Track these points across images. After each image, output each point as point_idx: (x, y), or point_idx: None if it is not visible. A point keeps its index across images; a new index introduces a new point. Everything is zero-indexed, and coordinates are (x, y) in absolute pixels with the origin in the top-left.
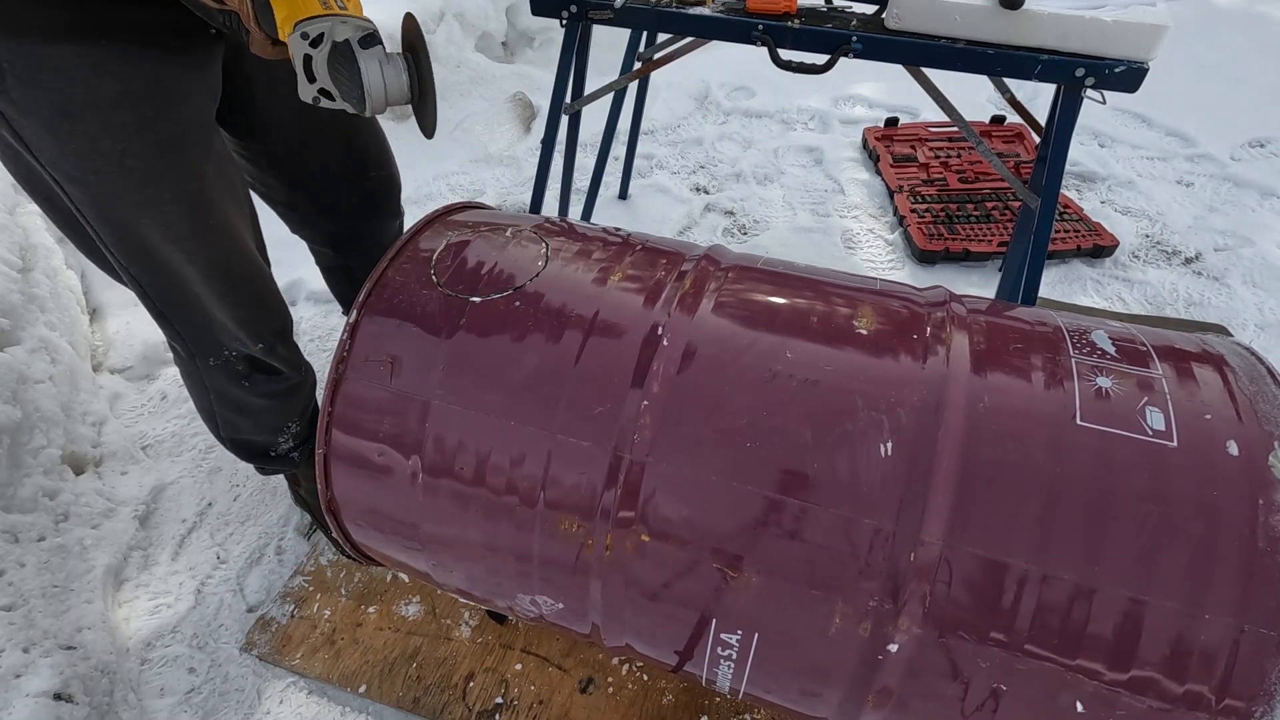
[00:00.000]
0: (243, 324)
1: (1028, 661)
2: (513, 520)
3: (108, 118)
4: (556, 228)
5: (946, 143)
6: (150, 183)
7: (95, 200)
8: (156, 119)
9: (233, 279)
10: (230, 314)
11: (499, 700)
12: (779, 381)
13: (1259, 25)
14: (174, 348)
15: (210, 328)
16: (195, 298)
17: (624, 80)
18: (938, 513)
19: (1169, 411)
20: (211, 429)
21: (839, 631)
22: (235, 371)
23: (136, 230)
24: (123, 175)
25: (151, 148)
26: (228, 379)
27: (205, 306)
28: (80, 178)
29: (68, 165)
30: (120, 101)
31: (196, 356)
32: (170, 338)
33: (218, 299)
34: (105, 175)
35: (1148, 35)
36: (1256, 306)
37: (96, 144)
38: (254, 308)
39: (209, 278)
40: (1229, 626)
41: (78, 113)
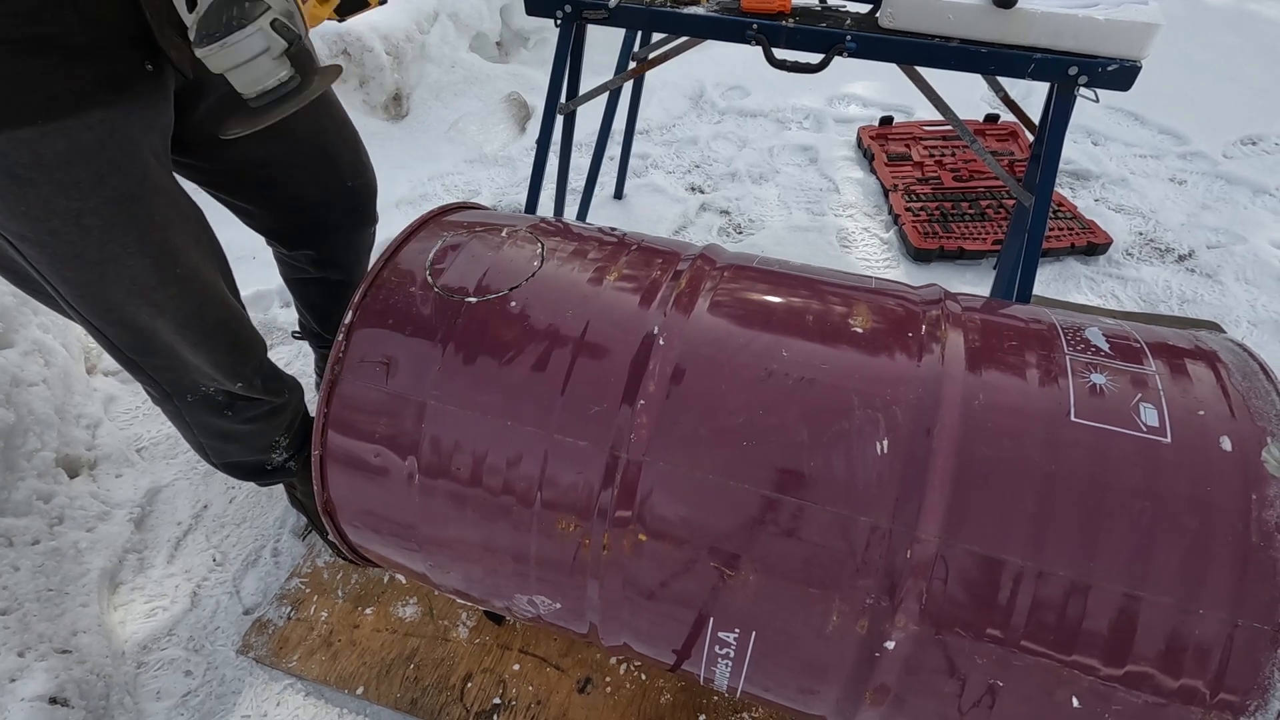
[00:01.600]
0: (220, 367)
1: (1024, 658)
2: (510, 520)
3: (59, 177)
4: (552, 228)
5: (941, 141)
6: (111, 238)
7: (54, 260)
8: (111, 172)
9: (206, 327)
10: (206, 359)
11: (497, 701)
12: (775, 380)
13: (1251, 23)
14: (148, 391)
15: (186, 371)
16: (167, 346)
17: (619, 80)
18: (934, 510)
19: (1163, 408)
20: (202, 457)
21: (836, 629)
22: (215, 404)
23: (100, 289)
24: (81, 234)
25: (109, 203)
26: (208, 412)
27: (179, 353)
28: (35, 239)
29: (19, 227)
30: (70, 159)
31: (174, 396)
32: (144, 383)
33: (192, 347)
34: (62, 235)
35: (1140, 34)
36: (1249, 303)
37: (50, 204)
38: (230, 350)
39: (182, 328)
40: (1223, 621)
41: (26, 175)
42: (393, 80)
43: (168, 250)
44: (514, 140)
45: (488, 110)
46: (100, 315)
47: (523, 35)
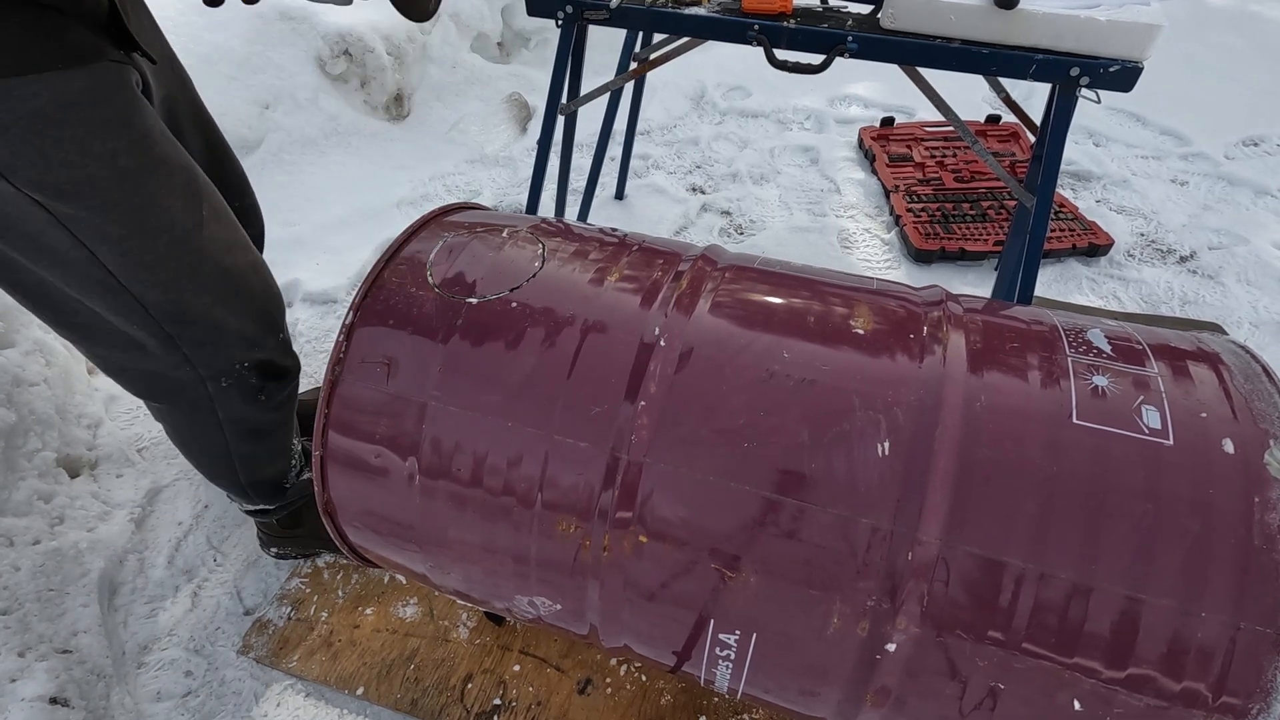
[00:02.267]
0: (259, 319)
1: (1025, 660)
2: (510, 521)
3: (88, 115)
4: (553, 228)
5: (942, 142)
6: (148, 177)
7: (93, 213)
8: (134, 112)
9: (242, 270)
10: (245, 312)
11: (497, 701)
12: (776, 381)
13: (1253, 24)
14: (171, 396)
15: (222, 338)
16: (204, 307)
17: (620, 80)
18: (935, 512)
19: (1165, 410)
20: (227, 481)
21: (837, 631)
22: (249, 387)
23: (141, 241)
24: (119, 177)
25: (139, 142)
26: (243, 399)
27: (215, 315)
28: (74, 189)
29: (57, 177)
30: (96, 98)
31: (207, 381)
32: (172, 371)
33: (230, 300)
34: (99, 181)
35: (1142, 34)
36: (1251, 304)
37: (85, 146)
38: (264, 297)
39: (220, 274)
40: (1225, 624)
41: (57, 115)
42: (394, 81)
43: (199, 188)
44: (515, 141)
45: (489, 111)
46: (139, 274)
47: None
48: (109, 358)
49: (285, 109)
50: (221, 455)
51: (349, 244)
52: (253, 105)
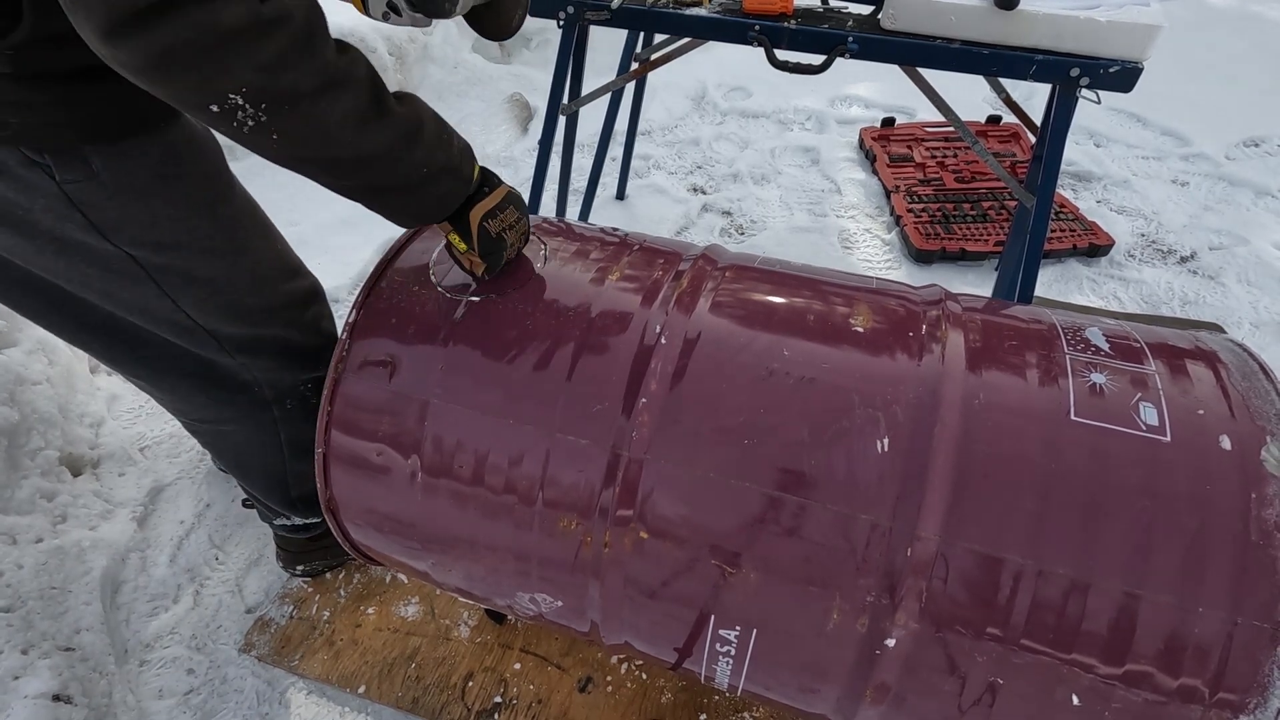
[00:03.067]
0: (326, 338)
1: (1024, 656)
2: (511, 519)
3: (193, 169)
4: (554, 228)
5: (943, 143)
6: (239, 223)
7: (188, 262)
8: (219, 160)
9: (305, 293)
10: (310, 332)
11: (498, 700)
12: (776, 379)
13: (1253, 25)
14: (238, 420)
15: (291, 362)
16: (275, 336)
17: (621, 81)
18: (934, 509)
19: (1162, 407)
20: (276, 495)
21: (836, 627)
22: (311, 407)
23: (229, 283)
24: (215, 225)
25: (228, 189)
26: (304, 416)
27: (286, 340)
28: (173, 241)
29: (160, 233)
30: (196, 152)
31: (274, 404)
32: (239, 394)
33: (300, 320)
34: (199, 231)
35: (1142, 35)
36: (1251, 304)
37: (192, 199)
38: (325, 315)
39: (290, 302)
40: (1223, 620)
41: (170, 172)
42: (396, 81)
43: (267, 225)
44: (516, 141)
45: (490, 111)
46: (220, 315)
47: (525, 36)
48: (177, 387)
49: None
50: (277, 473)
51: (351, 243)
52: None
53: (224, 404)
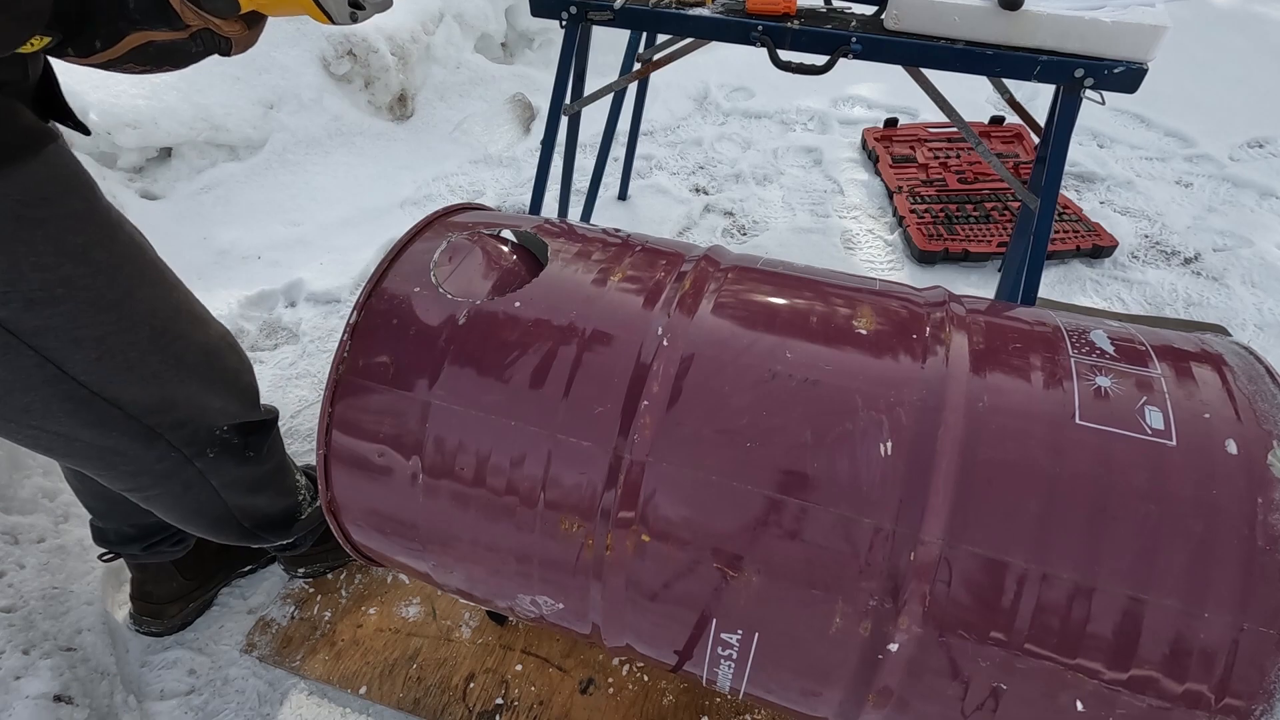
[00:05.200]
0: (243, 390)
1: (1028, 660)
2: (513, 521)
3: (60, 211)
4: (556, 229)
5: (946, 143)
6: (120, 269)
7: (71, 316)
8: (93, 197)
9: (216, 343)
10: (227, 384)
11: (499, 701)
12: (779, 381)
13: (1257, 25)
14: (161, 483)
15: (205, 416)
16: (188, 393)
17: (623, 81)
18: (937, 512)
19: (1168, 411)
20: (230, 533)
21: (839, 631)
22: (234, 447)
23: (121, 338)
24: (94, 272)
25: (105, 230)
26: (234, 461)
27: (198, 394)
28: (48, 294)
29: (29, 286)
30: (63, 188)
31: (194, 459)
32: (156, 463)
33: (213, 373)
34: (76, 282)
35: (1146, 36)
36: (1255, 306)
37: (60, 243)
38: (241, 363)
39: (201, 354)
40: (1228, 625)
41: (33, 214)
42: (398, 81)
43: (161, 270)
44: (519, 141)
45: (492, 111)
46: (117, 378)
47: (527, 36)
48: (86, 464)
49: (290, 109)
50: (223, 516)
51: (352, 244)
52: (257, 105)
53: (140, 474)
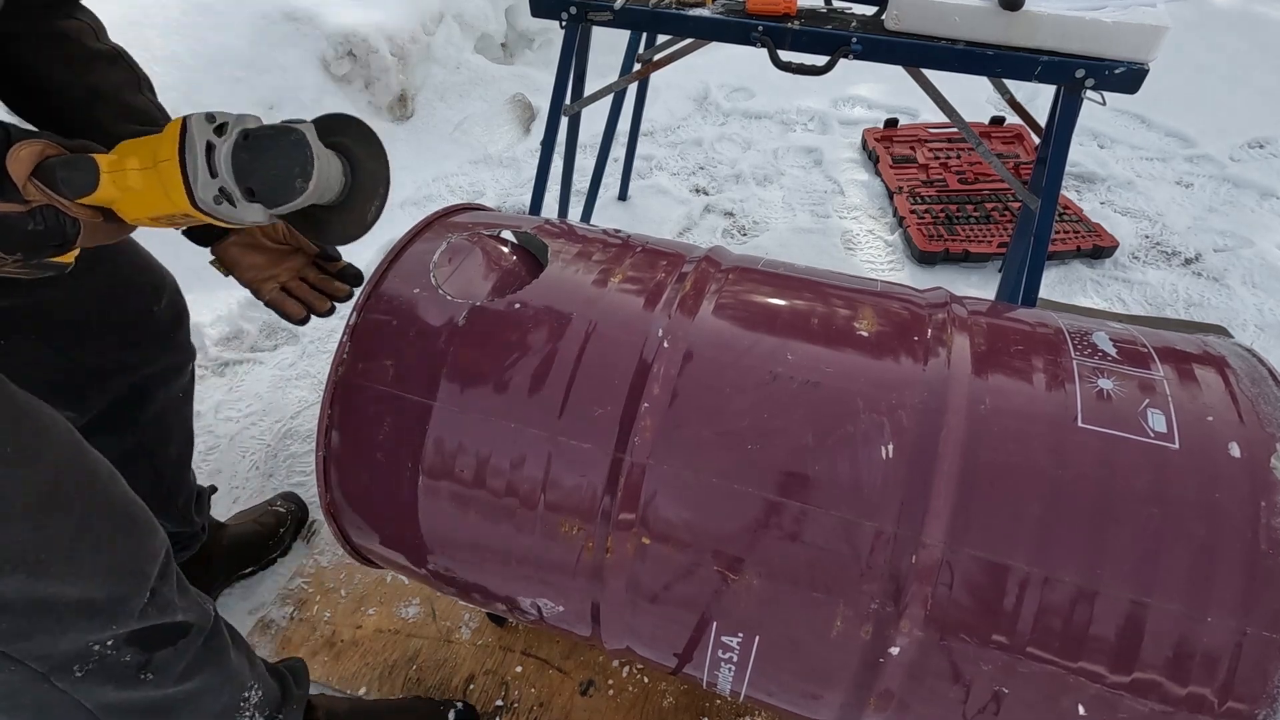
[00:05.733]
0: (119, 576)
1: (1030, 664)
2: (513, 523)
3: None
4: (556, 229)
5: (946, 144)
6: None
7: None
8: None
9: (91, 513)
10: (92, 568)
11: (499, 703)
12: (780, 383)
13: (1258, 26)
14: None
15: (51, 619)
16: (16, 586)
17: (624, 81)
18: (939, 515)
19: (1170, 413)
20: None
21: (840, 634)
22: (122, 668)
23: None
24: None
25: None
26: (117, 684)
27: (35, 592)
28: None
29: None
30: None
31: (49, 675)
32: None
33: (66, 557)
34: None
35: (1147, 36)
36: (1256, 307)
37: None
38: (128, 540)
39: (44, 537)
40: (1231, 629)
41: None
42: (398, 81)
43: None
44: (519, 141)
45: (492, 111)
46: None
47: (527, 37)
48: None
49: (290, 110)
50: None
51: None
52: (257, 106)
53: None
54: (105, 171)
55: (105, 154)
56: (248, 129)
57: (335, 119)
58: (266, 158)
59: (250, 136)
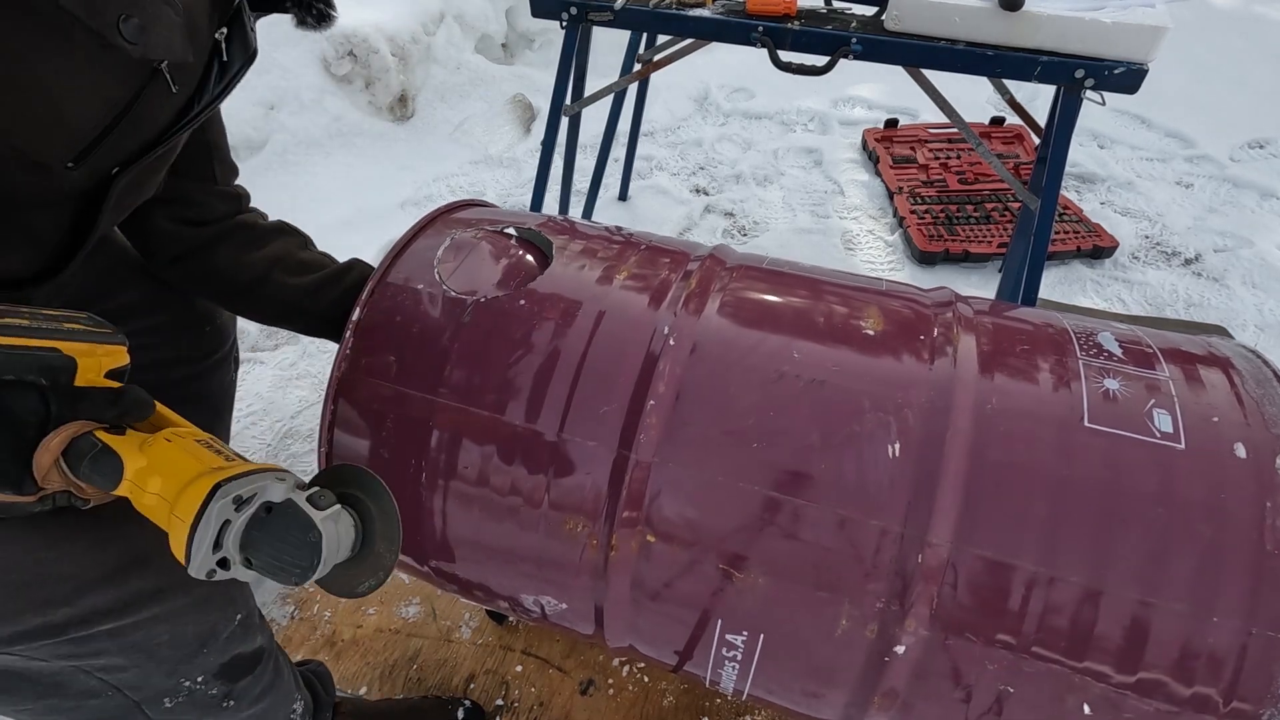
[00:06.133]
0: (207, 604)
1: (1035, 664)
2: (516, 520)
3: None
4: (561, 226)
5: (946, 144)
6: None
7: None
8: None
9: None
10: (190, 617)
11: (499, 702)
12: (786, 382)
13: (1258, 26)
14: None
15: (153, 663)
16: (132, 643)
17: (624, 82)
18: (945, 515)
19: (1176, 414)
20: None
21: (845, 633)
22: (209, 698)
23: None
24: None
25: None
26: (201, 711)
27: (146, 644)
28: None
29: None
30: None
31: (144, 704)
32: (87, 699)
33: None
34: None
35: (1147, 36)
36: (1256, 307)
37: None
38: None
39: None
40: (1237, 629)
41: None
42: (398, 82)
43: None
44: (519, 142)
45: (493, 112)
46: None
47: (528, 37)
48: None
49: (290, 110)
50: None
51: (352, 245)
52: (258, 106)
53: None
54: (127, 479)
55: (138, 451)
56: (271, 503)
57: (369, 482)
58: (277, 546)
59: (272, 512)
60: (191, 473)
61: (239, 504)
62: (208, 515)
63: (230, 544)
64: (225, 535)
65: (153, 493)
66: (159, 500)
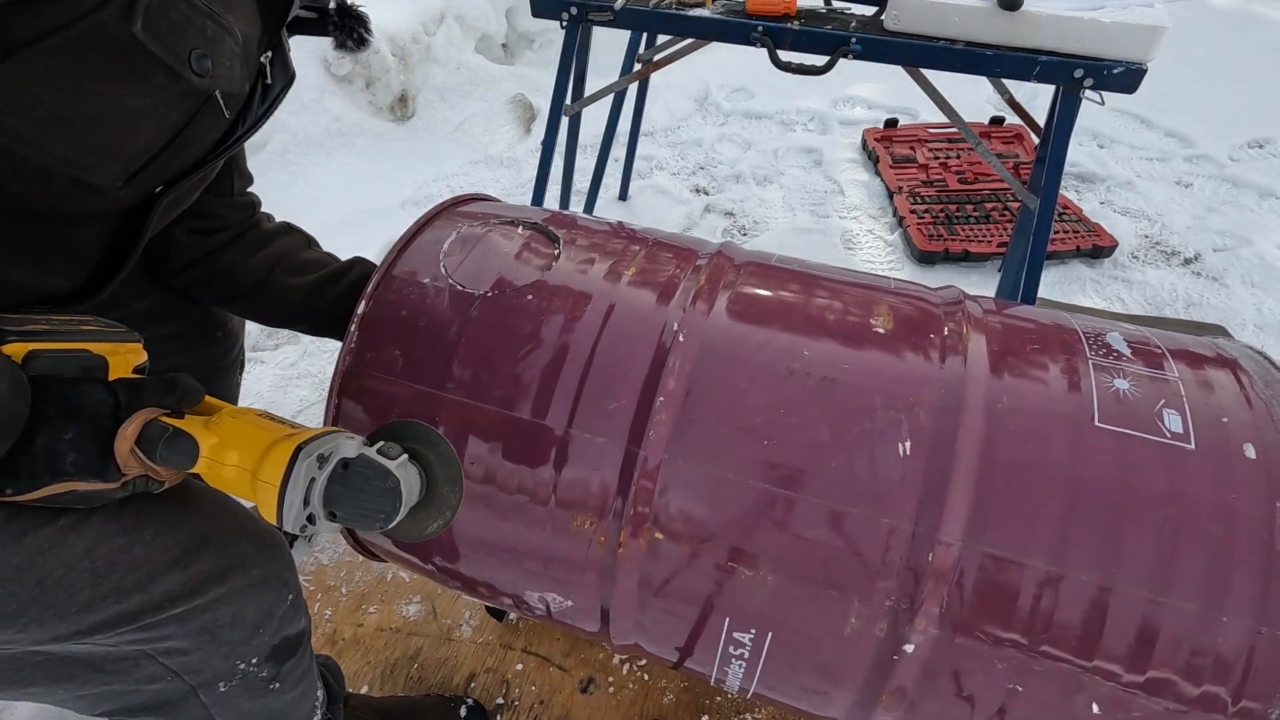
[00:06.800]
0: (273, 579)
1: (1044, 663)
2: (522, 517)
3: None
4: (568, 221)
5: (946, 144)
6: None
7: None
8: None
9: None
10: (263, 568)
11: (500, 700)
12: (796, 380)
13: (1257, 26)
14: (140, 697)
15: (216, 637)
16: (198, 627)
17: (624, 82)
18: (956, 513)
19: (1186, 414)
20: None
21: (854, 631)
22: (259, 680)
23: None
24: None
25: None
26: (250, 696)
27: (211, 626)
28: None
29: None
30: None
31: (199, 690)
32: (145, 684)
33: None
34: None
35: (1146, 36)
36: (1255, 307)
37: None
38: (270, 559)
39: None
40: (1246, 629)
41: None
42: (399, 81)
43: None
44: (519, 142)
45: (493, 112)
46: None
47: (528, 37)
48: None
49: (290, 109)
50: None
51: (353, 245)
52: None
53: (122, 695)
54: (204, 455)
55: (206, 429)
56: (347, 459)
57: (423, 431)
58: (359, 497)
59: (349, 468)
60: (267, 441)
61: (321, 462)
62: (295, 474)
63: (316, 500)
64: (311, 492)
65: (232, 465)
66: (238, 471)
